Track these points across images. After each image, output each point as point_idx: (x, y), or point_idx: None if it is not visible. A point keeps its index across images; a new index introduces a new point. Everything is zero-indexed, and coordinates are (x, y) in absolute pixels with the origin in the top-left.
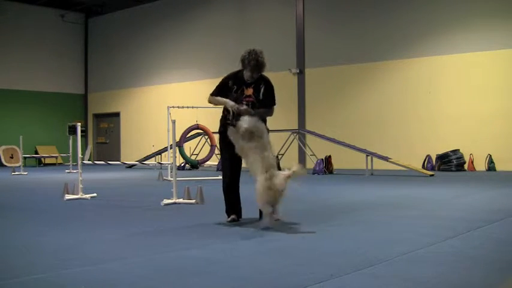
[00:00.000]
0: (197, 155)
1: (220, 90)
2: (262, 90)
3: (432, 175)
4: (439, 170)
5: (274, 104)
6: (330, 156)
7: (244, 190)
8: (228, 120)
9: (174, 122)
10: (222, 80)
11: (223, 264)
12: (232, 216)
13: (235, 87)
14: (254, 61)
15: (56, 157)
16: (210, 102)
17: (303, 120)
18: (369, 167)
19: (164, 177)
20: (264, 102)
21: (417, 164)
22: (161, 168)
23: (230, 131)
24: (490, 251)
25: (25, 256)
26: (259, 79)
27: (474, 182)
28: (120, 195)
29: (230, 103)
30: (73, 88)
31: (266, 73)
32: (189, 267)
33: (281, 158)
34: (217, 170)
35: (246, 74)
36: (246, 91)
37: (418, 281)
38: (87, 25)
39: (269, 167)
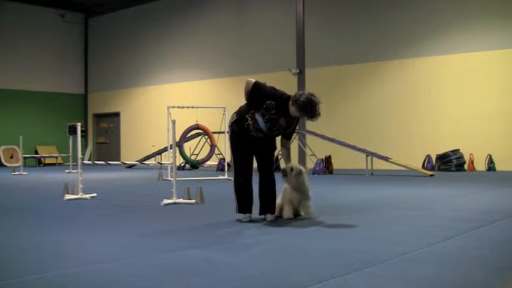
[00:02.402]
0: (197, 155)
1: (258, 99)
2: (292, 127)
3: (432, 175)
4: (439, 170)
5: (290, 139)
6: (330, 156)
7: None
8: (246, 123)
9: (174, 122)
10: (268, 91)
11: (223, 264)
12: (248, 216)
13: (274, 111)
14: (315, 112)
15: (56, 157)
16: (249, 85)
17: (303, 120)
18: (369, 167)
19: (164, 177)
20: (285, 134)
21: (417, 164)
22: (161, 168)
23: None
24: (490, 251)
25: (25, 256)
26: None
27: (474, 182)
28: (120, 195)
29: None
30: (73, 88)
31: (265, 74)
32: (189, 267)
33: (281, 158)
34: (217, 170)
35: (294, 112)
36: (280, 120)
37: (418, 281)
38: (87, 25)
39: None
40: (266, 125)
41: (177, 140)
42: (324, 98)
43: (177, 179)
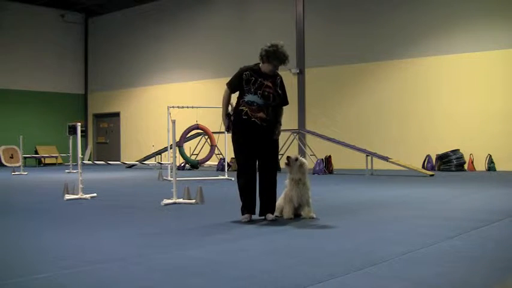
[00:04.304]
0: (197, 155)
1: (236, 83)
2: (279, 84)
3: (432, 175)
4: (439, 170)
5: (288, 103)
6: (330, 156)
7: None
8: (243, 113)
9: (174, 122)
10: (237, 72)
11: (223, 264)
12: (247, 216)
13: (253, 78)
14: (281, 54)
15: (56, 157)
16: (223, 98)
17: (303, 120)
18: (369, 167)
19: (164, 177)
20: (280, 97)
21: (417, 164)
22: (161, 168)
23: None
24: (490, 251)
25: (25, 256)
26: (276, 74)
27: (474, 182)
28: (120, 195)
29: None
30: (73, 88)
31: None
32: (189, 267)
33: (281, 158)
34: (217, 170)
35: (267, 67)
36: (266, 82)
37: (418, 281)
38: (87, 25)
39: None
40: (258, 95)
41: (177, 140)
42: (324, 98)
43: (177, 179)
